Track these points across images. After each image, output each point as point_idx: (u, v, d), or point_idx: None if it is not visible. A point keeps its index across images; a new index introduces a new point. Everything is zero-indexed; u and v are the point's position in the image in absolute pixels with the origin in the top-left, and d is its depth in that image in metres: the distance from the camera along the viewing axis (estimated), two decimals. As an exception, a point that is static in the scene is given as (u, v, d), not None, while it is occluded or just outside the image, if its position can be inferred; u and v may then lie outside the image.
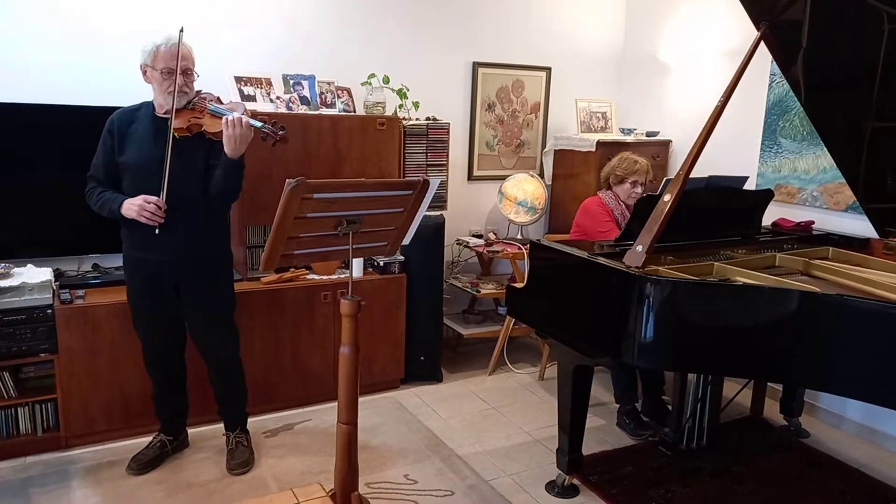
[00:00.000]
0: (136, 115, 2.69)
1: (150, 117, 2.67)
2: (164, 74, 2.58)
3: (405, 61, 4.04)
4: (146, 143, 2.63)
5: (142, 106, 2.71)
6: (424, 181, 2.15)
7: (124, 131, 2.66)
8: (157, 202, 2.54)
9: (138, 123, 2.67)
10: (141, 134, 2.65)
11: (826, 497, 2.87)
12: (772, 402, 3.59)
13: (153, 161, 2.58)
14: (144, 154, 2.62)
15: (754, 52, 2.63)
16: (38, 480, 2.79)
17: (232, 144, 2.52)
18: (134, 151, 2.63)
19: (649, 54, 4.58)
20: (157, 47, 2.56)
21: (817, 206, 3.60)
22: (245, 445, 2.97)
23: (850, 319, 2.09)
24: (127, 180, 2.66)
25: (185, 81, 2.62)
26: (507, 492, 2.83)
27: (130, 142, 2.65)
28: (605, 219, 3.46)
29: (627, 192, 3.48)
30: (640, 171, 3.46)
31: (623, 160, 3.52)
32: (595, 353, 2.61)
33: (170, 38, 2.58)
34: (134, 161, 2.63)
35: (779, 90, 3.72)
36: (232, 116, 2.51)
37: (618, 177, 3.50)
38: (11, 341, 2.84)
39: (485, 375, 4.07)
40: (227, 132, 2.51)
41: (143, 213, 2.54)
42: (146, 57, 2.59)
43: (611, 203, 3.52)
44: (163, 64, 2.57)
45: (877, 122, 2.77)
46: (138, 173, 2.62)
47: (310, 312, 3.44)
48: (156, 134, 2.63)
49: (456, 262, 4.40)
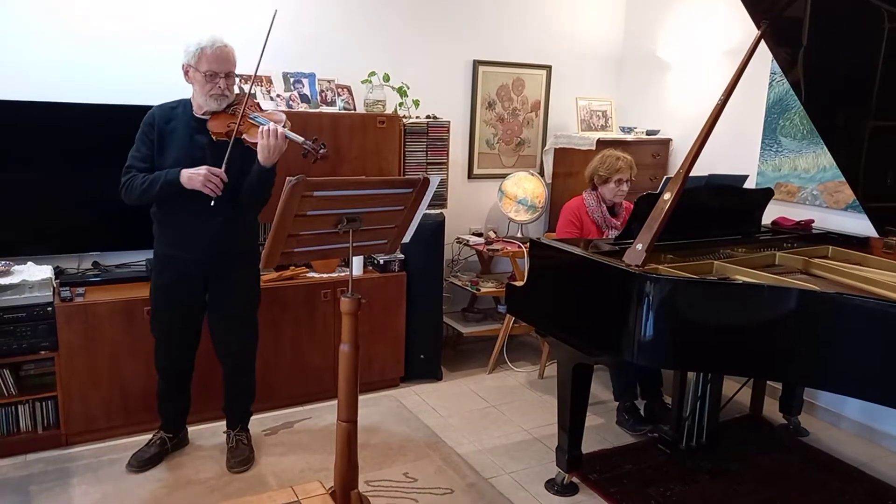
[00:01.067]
0: (175, 112, 2.68)
1: (189, 117, 2.66)
2: (208, 77, 2.57)
3: (405, 59, 4.04)
4: (185, 144, 2.63)
5: (179, 104, 2.71)
6: (424, 179, 2.15)
7: (163, 129, 2.65)
8: (221, 175, 2.53)
9: (177, 122, 2.66)
10: (179, 133, 2.65)
11: (825, 495, 2.87)
12: (771, 400, 3.59)
13: (192, 162, 2.59)
14: (183, 154, 2.62)
15: (755, 50, 2.63)
16: (38, 478, 2.79)
17: (265, 154, 2.53)
18: (173, 151, 2.63)
19: (649, 52, 4.58)
20: (202, 49, 2.55)
21: (817, 204, 3.60)
22: (245, 443, 2.98)
23: (849, 318, 2.09)
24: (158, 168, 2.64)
25: (227, 85, 2.61)
26: (506, 490, 2.84)
27: (169, 140, 2.65)
28: (570, 228, 3.49)
29: (613, 191, 3.47)
30: (623, 168, 3.43)
31: (604, 159, 3.48)
32: (595, 351, 2.61)
33: (214, 39, 2.57)
34: (173, 161, 2.62)
35: (779, 89, 3.72)
36: (268, 127, 2.52)
37: (601, 177, 3.47)
38: (12, 339, 2.84)
39: (484, 374, 4.07)
40: (262, 142, 2.52)
41: (207, 183, 2.52)
42: (189, 57, 2.58)
43: (591, 204, 3.51)
44: (206, 66, 2.56)
45: (877, 121, 2.77)
46: None
47: (310, 310, 3.44)
48: (194, 134, 2.63)
49: (456, 261, 4.40)
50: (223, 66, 2.59)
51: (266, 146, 2.52)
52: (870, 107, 2.73)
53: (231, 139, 2.56)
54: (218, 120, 2.62)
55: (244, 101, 2.65)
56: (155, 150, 2.65)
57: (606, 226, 3.50)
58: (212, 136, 2.60)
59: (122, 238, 3.34)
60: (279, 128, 2.53)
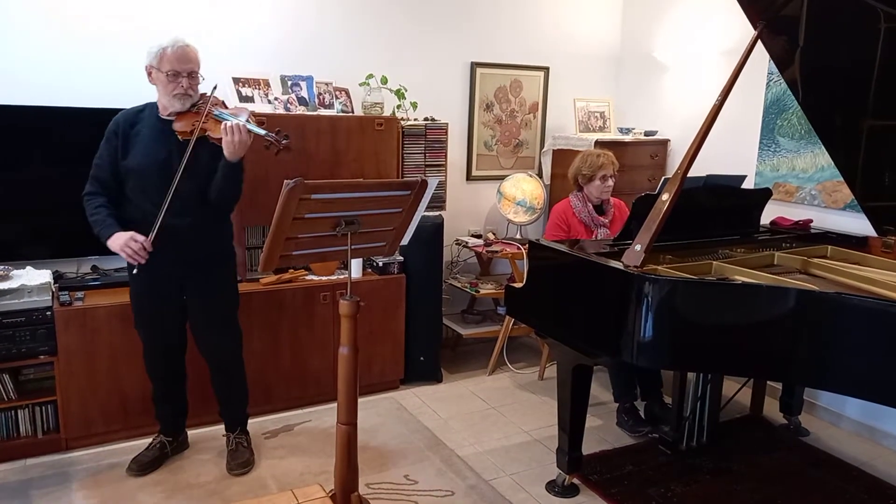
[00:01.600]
0: (140, 116, 2.68)
1: (155, 118, 2.66)
2: (170, 77, 2.57)
3: (403, 62, 4.04)
4: (150, 146, 2.62)
5: (146, 107, 2.71)
6: (423, 181, 2.15)
7: (128, 133, 2.65)
8: (144, 242, 2.53)
9: (142, 125, 2.66)
10: (145, 136, 2.64)
11: (825, 495, 2.87)
12: (771, 400, 3.59)
13: (157, 163, 2.59)
14: (149, 157, 2.61)
15: (752, 50, 2.63)
16: (38, 482, 2.79)
17: (230, 149, 2.54)
18: (138, 154, 2.63)
19: (647, 53, 4.58)
20: (164, 49, 2.56)
21: (815, 204, 3.60)
22: (245, 446, 2.97)
23: (848, 318, 2.09)
24: (130, 182, 2.65)
25: (190, 84, 2.61)
26: (507, 491, 2.84)
27: (134, 144, 2.64)
28: (557, 231, 3.51)
29: (599, 188, 3.48)
30: (605, 164, 3.45)
31: (585, 158, 3.50)
32: (594, 352, 2.61)
33: (176, 40, 2.57)
34: (137, 164, 2.62)
35: (776, 89, 3.72)
36: (232, 122, 2.52)
37: (585, 176, 3.49)
38: (11, 343, 2.84)
39: (484, 375, 4.07)
40: (227, 138, 2.52)
41: (125, 249, 2.53)
42: (152, 58, 2.58)
43: (578, 206, 3.53)
44: (168, 66, 2.56)
45: (874, 121, 2.78)
46: (142, 176, 2.61)
47: (309, 313, 3.44)
48: (159, 136, 2.63)
49: (455, 263, 4.40)
50: (185, 66, 2.58)
51: (231, 142, 2.52)
52: (867, 106, 2.74)
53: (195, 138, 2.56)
54: (183, 120, 2.62)
55: (208, 98, 2.65)
56: (119, 154, 2.64)
57: (595, 224, 3.51)
58: (177, 135, 2.59)
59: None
60: (241, 121, 2.54)
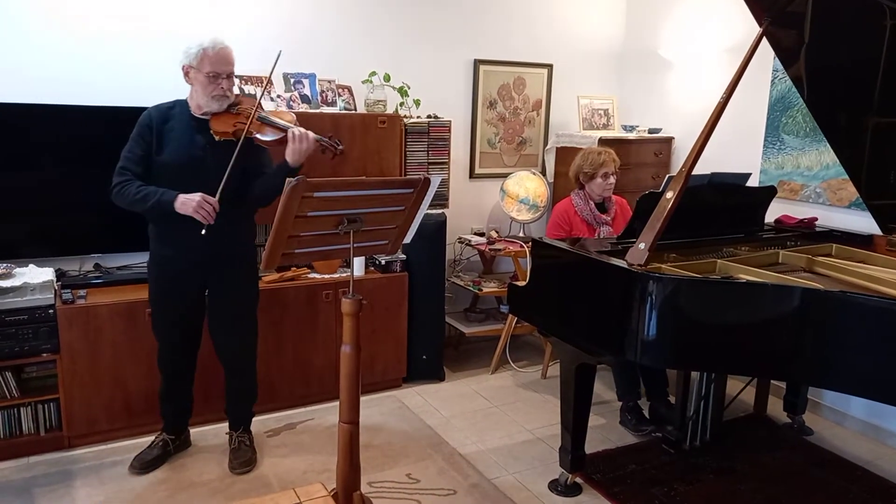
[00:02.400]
0: (172, 112, 2.68)
1: (188, 117, 2.66)
2: (210, 78, 2.57)
3: (406, 59, 4.04)
4: (185, 143, 2.63)
5: (176, 104, 2.70)
6: (425, 179, 2.15)
7: (161, 128, 2.65)
8: (215, 203, 2.54)
9: (175, 122, 2.66)
10: (179, 133, 2.64)
11: (830, 494, 2.86)
12: (775, 399, 3.58)
13: (193, 161, 2.60)
14: (183, 154, 2.62)
15: (756, 48, 2.61)
16: (41, 480, 2.79)
17: (297, 156, 2.59)
18: (173, 150, 2.62)
19: (651, 51, 4.56)
20: (204, 50, 2.55)
21: (820, 202, 3.58)
22: (248, 445, 2.97)
23: (853, 316, 2.08)
24: (161, 179, 2.63)
25: (228, 86, 2.62)
26: (509, 490, 2.83)
27: (168, 140, 2.64)
28: (558, 231, 3.49)
29: (601, 185, 3.47)
30: (606, 161, 3.45)
31: (586, 156, 3.49)
32: (598, 351, 2.60)
33: (215, 41, 2.57)
34: (173, 160, 2.61)
35: (781, 86, 3.70)
36: (298, 131, 2.58)
37: (587, 174, 3.48)
38: (14, 341, 2.84)
39: (487, 374, 4.06)
40: (294, 146, 2.57)
41: (200, 210, 2.52)
42: (191, 59, 2.58)
43: (580, 204, 3.51)
44: (209, 67, 2.56)
45: (880, 118, 2.76)
46: (177, 173, 2.61)
47: (311, 311, 3.43)
48: (194, 134, 2.63)
49: (458, 261, 4.40)
50: (225, 67, 2.60)
51: (297, 150, 2.58)
52: (872, 103, 2.73)
53: (240, 138, 2.57)
54: (221, 120, 2.63)
55: (256, 102, 2.68)
56: (153, 149, 2.64)
57: (597, 222, 3.49)
58: (214, 135, 2.60)
59: (123, 240, 3.33)
60: (308, 131, 2.59)
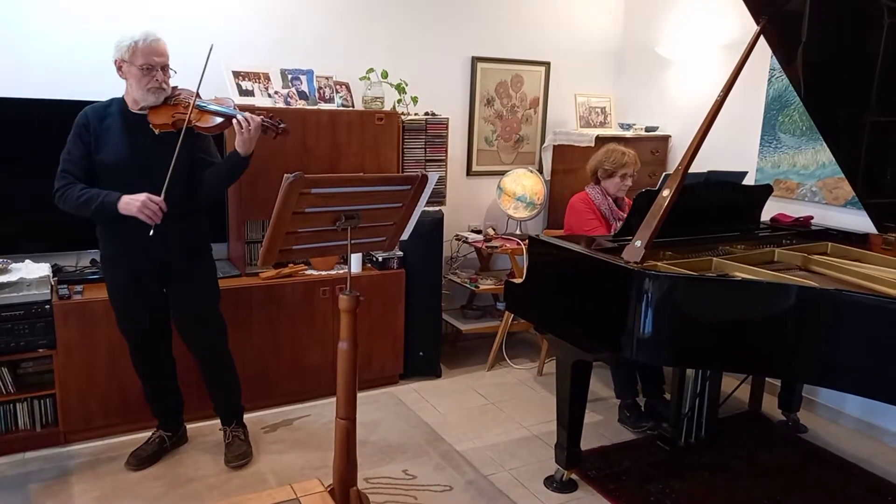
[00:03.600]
0: (108, 111, 2.65)
1: (123, 114, 2.63)
2: (144, 70, 2.55)
3: (404, 56, 4.03)
4: (123, 141, 2.60)
5: (111, 102, 2.68)
6: (423, 176, 2.15)
7: (98, 127, 2.62)
8: (160, 203, 2.51)
9: (111, 120, 2.63)
10: (116, 131, 2.61)
11: (824, 492, 2.88)
12: (770, 397, 3.59)
13: (134, 158, 2.58)
14: (123, 152, 2.59)
15: (754, 46, 2.62)
16: (36, 476, 2.79)
17: (246, 145, 2.58)
18: (111, 149, 2.60)
19: (648, 49, 4.57)
20: (135, 42, 2.53)
21: (816, 201, 3.59)
22: (242, 439, 2.97)
23: (848, 314, 2.09)
24: (105, 178, 2.60)
25: (163, 78, 2.60)
26: (505, 487, 2.84)
27: (106, 139, 2.61)
28: (590, 216, 3.47)
29: (617, 185, 3.47)
30: (628, 163, 3.44)
31: (610, 154, 3.48)
32: (594, 348, 2.61)
33: (147, 33, 2.55)
34: (114, 159, 2.59)
35: (778, 85, 3.71)
36: (243, 117, 2.56)
37: (606, 171, 3.48)
38: (9, 336, 2.83)
39: (483, 371, 4.07)
40: (243, 134, 2.57)
41: (144, 210, 2.48)
42: (122, 52, 2.55)
43: (597, 199, 3.51)
44: (142, 60, 2.54)
45: (876, 117, 2.77)
46: (119, 172, 2.58)
47: (308, 308, 3.44)
48: (132, 130, 2.61)
49: (455, 258, 4.40)
50: (158, 59, 2.56)
51: (245, 137, 2.57)
52: (869, 103, 2.73)
53: (181, 129, 2.55)
54: (159, 113, 2.60)
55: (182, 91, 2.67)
56: (92, 149, 2.60)
57: (613, 218, 3.49)
58: (154, 129, 2.57)
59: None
60: (252, 116, 2.59)
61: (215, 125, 2.62)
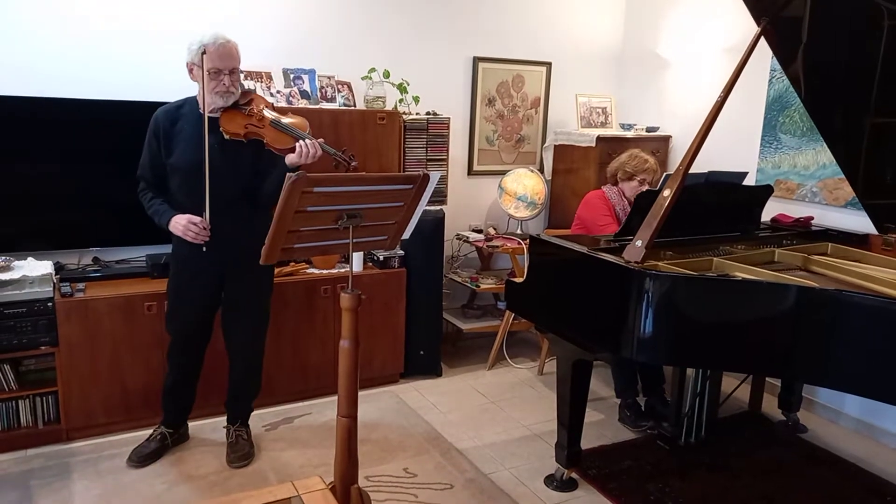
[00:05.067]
0: (180, 112, 2.67)
1: (197, 115, 2.64)
2: (212, 74, 2.56)
3: (406, 56, 4.04)
4: (193, 145, 2.61)
5: (185, 103, 2.69)
6: (424, 175, 2.15)
7: (169, 131, 2.65)
8: (202, 223, 2.57)
9: (184, 122, 2.65)
10: (188, 134, 2.64)
11: (823, 492, 2.88)
12: (770, 396, 3.60)
13: (200, 162, 2.57)
14: (192, 156, 2.61)
15: (754, 47, 2.63)
16: (38, 473, 2.80)
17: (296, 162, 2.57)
18: (182, 153, 2.63)
19: (649, 49, 4.58)
20: (205, 46, 2.53)
21: (816, 201, 3.60)
22: (245, 439, 2.98)
23: (848, 315, 2.10)
24: (175, 181, 2.67)
25: (231, 82, 2.60)
26: (506, 485, 2.84)
27: (177, 142, 2.64)
28: (605, 213, 3.47)
29: (635, 188, 3.48)
30: (649, 169, 3.47)
31: (633, 157, 3.51)
32: (594, 347, 2.62)
33: (216, 36, 2.55)
34: (183, 163, 2.62)
35: (779, 86, 3.72)
36: (307, 143, 2.55)
37: (627, 173, 3.49)
38: (12, 334, 2.84)
39: (484, 370, 4.08)
40: (298, 159, 2.56)
41: (187, 233, 2.59)
42: (192, 56, 2.57)
43: (613, 198, 3.52)
44: (210, 64, 2.54)
45: (877, 118, 2.77)
46: (188, 175, 2.62)
47: (310, 306, 3.44)
48: (204, 134, 2.60)
49: (456, 257, 4.41)
50: (226, 63, 2.57)
51: (301, 162, 2.56)
52: (869, 104, 2.73)
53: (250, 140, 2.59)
54: (233, 120, 2.61)
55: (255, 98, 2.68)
56: (163, 154, 2.66)
57: None
58: (224, 134, 2.60)
59: (122, 234, 3.34)
60: (317, 144, 2.57)
61: (286, 148, 2.60)
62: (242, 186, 2.66)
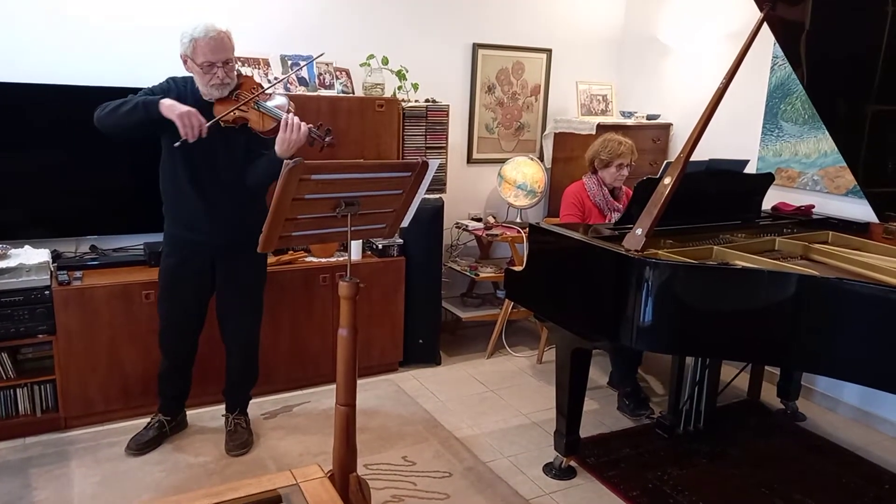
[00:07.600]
0: (186, 90, 2.63)
1: (196, 100, 2.60)
2: (205, 68, 2.53)
3: (404, 42, 4.01)
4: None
5: (188, 82, 2.65)
6: (423, 163, 2.14)
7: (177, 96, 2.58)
8: (203, 125, 2.45)
9: (189, 101, 2.59)
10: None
11: (822, 480, 2.89)
12: (769, 385, 3.60)
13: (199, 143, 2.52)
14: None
15: (757, 34, 2.60)
16: (37, 461, 2.80)
17: (284, 146, 2.49)
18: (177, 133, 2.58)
19: (650, 36, 4.54)
20: (195, 39, 2.50)
21: (818, 190, 3.59)
22: (244, 427, 2.98)
23: (849, 303, 2.09)
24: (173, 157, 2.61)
25: (226, 73, 2.56)
26: (504, 473, 2.85)
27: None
28: (569, 212, 3.48)
29: (614, 175, 3.46)
30: (624, 153, 3.43)
31: (606, 143, 3.46)
32: (593, 336, 2.61)
33: (207, 28, 2.51)
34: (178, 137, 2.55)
35: (781, 73, 3.69)
36: (290, 120, 2.48)
37: (602, 161, 3.46)
38: (9, 322, 2.83)
39: (483, 359, 4.08)
40: (283, 135, 2.48)
41: (184, 118, 2.43)
42: (185, 48, 2.53)
43: (592, 189, 3.50)
44: (202, 57, 2.51)
45: (878, 106, 2.76)
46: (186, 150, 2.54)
47: (308, 295, 3.43)
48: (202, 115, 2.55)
49: (455, 246, 4.39)
50: (219, 56, 2.53)
51: (287, 140, 2.48)
52: (872, 91, 2.72)
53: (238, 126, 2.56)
54: (224, 105, 2.58)
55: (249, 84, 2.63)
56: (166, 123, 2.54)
57: (609, 209, 3.49)
58: (220, 123, 2.56)
59: (119, 222, 3.33)
60: (301, 123, 2.50)
61: (271, 129, 2.54)
62: (237, 170, 2.64)
